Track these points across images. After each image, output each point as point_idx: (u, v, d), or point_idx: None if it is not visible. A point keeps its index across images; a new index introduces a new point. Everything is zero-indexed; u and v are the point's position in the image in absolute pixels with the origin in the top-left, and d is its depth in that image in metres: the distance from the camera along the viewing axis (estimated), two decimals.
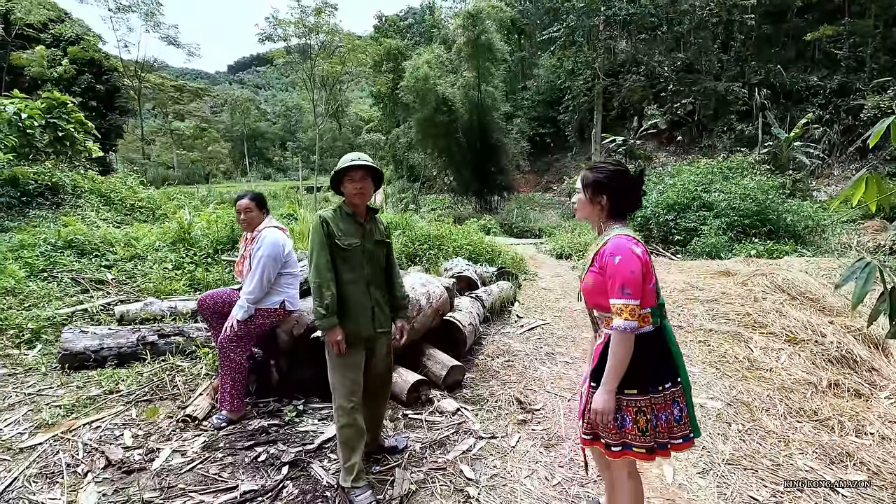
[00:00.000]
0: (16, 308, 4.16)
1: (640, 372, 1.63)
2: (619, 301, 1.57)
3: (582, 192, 1.76)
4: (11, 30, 23.63)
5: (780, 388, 3.60)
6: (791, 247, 8.71)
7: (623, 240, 1.62)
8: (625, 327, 1.56)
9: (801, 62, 23.58)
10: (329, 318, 2.16)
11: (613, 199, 1.71)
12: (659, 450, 1.67)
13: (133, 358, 3.58)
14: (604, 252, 1.63)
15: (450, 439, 2.76)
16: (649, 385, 1.65)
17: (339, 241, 2.24)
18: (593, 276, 1.68)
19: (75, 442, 2.54)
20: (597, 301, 1.70)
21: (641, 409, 1.64)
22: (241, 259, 3.04)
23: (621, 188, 1.71)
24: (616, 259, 1.58)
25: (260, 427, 2.76)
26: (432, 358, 3.52)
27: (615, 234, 1.66)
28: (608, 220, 1.74)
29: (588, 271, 1.71)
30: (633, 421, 1.64)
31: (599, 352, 1.73)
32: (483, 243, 7.73)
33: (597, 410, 1.63)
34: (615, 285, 1.57)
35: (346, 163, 2.28)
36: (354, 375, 2.27)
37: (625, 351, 1.59)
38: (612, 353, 1.60)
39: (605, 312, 1.69)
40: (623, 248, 1.59)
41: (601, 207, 1.73)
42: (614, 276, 1.58)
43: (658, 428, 1.66)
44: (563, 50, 27.15)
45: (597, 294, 1.68)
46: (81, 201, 7.84)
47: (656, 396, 1.66)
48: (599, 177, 1.72)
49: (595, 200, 1.73)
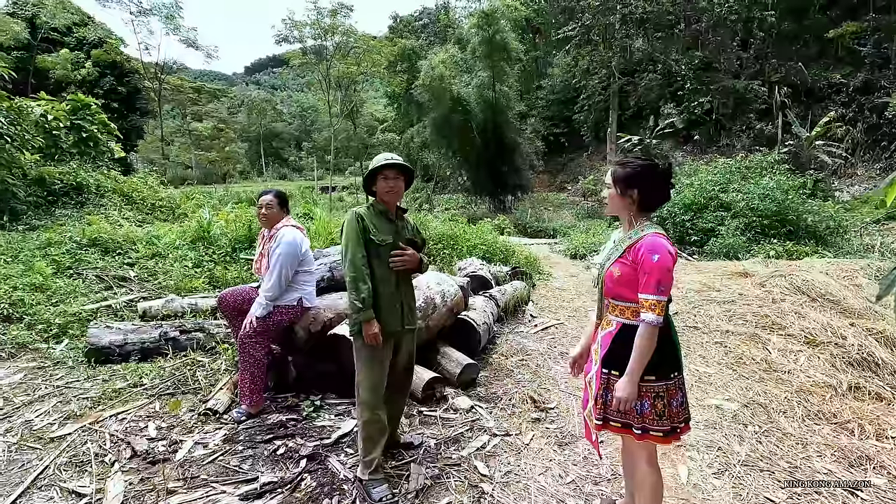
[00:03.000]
0: (44, 304, 4.30)
1: (659, 360, 1.71)
2: (653, 297, 1.64)
3: (612, 186, 1.81)
4: (37, 34, 24.33)
5: (798, 391, 3.56)
6: (812, 248, 8.55)
7: (660, 239, 1.69)
8: (654, 321, 1.64)
9: (823, 59, 23.05)
10: (366, 311, 2.20)
11: (643, 194, 1.76)
12: (671, 434, 1.76)
13: (156, 353, 3.68)
14: (639, 247, 1.69)
15: (464, 436, 2.79)
16: (666, 372, 1.74)
17: (374, 236, 2.28)
18: (623, 267, 1.74)
19: (102, 433, 2.63)
20: (619, 291, 1.76)
21: (659, 395, 1.74)
22: (260, 256, 3.11)
23: (651, 182, 1.76)
24: (655, 257, 1.65)
25: (278, 421, 2.82)
26: (447, 356, 3.55)
27: (651, 231, 1.72)
28: (639, 214, 1.79)
29: (616, 261, 1.76)
30: (651, 406, 1.73)
31: (611, 339, 1.80)
32: (497, 243, 7.73)
33: (621, 398, 1.70)
34: (651, 281, 1.65)
35: (380, 162, 2.34)
36: (380, 371, 2.31)
37: (652, 343, 1.68)
38: (639, 345, 1.67)
39: (624, 302, 1.76)
40: (661, 247, 1.66)
41: (632, 201, 1.78)
42: (651, 273, 1.65)
43: (672, 412, 1.75)
44: (578, 49, 26.91)
45: (622, 285, 1.74)
46: (105, 200, 8.05)
47: (670, 383, 1.75)
48: (630, 171, 1.77)
49: (626, 195, 1.78)
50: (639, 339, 1.67)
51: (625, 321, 1.77)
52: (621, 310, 1.78)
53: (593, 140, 28.32)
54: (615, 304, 1.80)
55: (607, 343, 1.81)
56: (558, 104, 30.86)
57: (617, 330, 1.78)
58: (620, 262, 1.75)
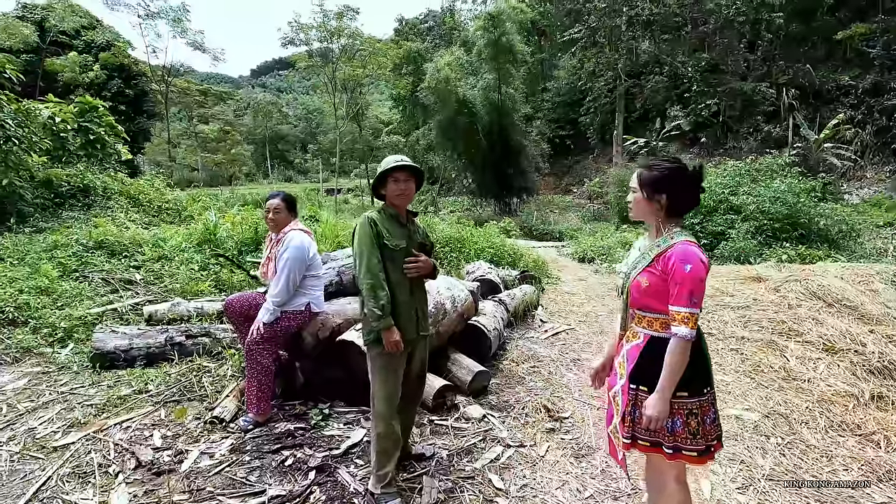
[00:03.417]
0: (49, 307, 4.26)
1: (691, 375, 1.61)
2: (686, 310, 1.54)
3: (638, 190, 1.70)
4: (46, 37, 24.50)
5: (819, 400, 3.45)
6: (825, 252, 8.40)
7: (692, 248, 1.59)
8: (688, 336, 1.55)
9: (831, 61, 22.87)
10: (385, 318, 2.13)
11: (672, 198, 1.66)
12: (706, 454, 1.66)
13: (161, 358, 3.62)
14: (670, 256, 1.59)
15: (477, 447, 2.70)
16: (699, 387, 1.65)
17: (388, 241, 2.21)
18: (651, 277, 1.64)
19: (106, 442, 2.57)
20: (647, 302, 1.67)
21: (692, 412, 1.64)
22: (267, 260, 3.05)
23: (680, 186, 1.66)
24: (687, 267, 1.54)
25: (286, 430, 2.75)
26: (457, 363, 3.47)
27: (682, 239, 1.62)
28: (667, 219, 1.69)
29: (644, 270, 1.66)
30: (683, 424, 1.63)
31: (638, 353, 1.70)
32: (505, 246, 7.66)
33: (652, 417, 1.60)
34: (683, 293, 1.54)
35: (390, 164, 2.26)
36: (395, 381, 2.24)
37: (685, 358, 1.58)
38: (670, 360, 1.58)
39: (652, 313, 1.67)
40: (694, 256, 1.56)
41: (660, 206, 1.67)
42: (683, 284, 1.55)
43: (706, 430, 1.65)
44: (584, 51, 26.83)
45: (650, 296, 1.65)
46: (111, 203, 8.04)
47: (703, 399, 1.65)
48: (657, 174, 1.66)
49: (653, 199, 1.67)
50: (670, 355, 1.57)
51: (653, 333, 1.67)
52: (649, 321, 1.68)
53: (599, 142, 28.20)
54: (642, 315, 1.71)
55: (634, 356, 1.71)
56: (564, 106, 30.78)
57: (645, 343, 1.68)
58: (649, 271, 1.65)
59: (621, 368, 1.78)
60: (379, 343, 2.16)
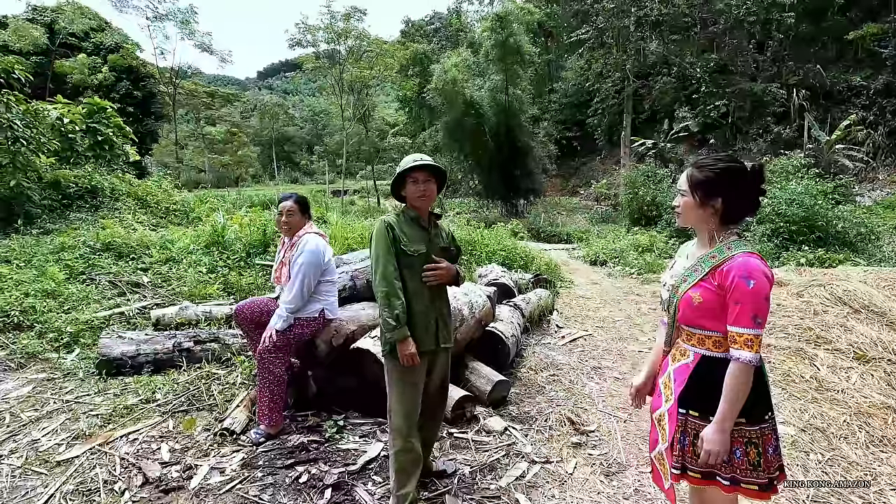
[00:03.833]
0: (55, 311, 4.17)
1: (752, 401, 1.43)
2: (750, 331, 1.36)
3: (689, 193, 1.51)
4: (56, 39, 24.65)
5: (857, 413, 3.28)
6: (845, 255, 8.19)
7: (755, 261, 1.40)
8: (752, 360, 1.37)
9: (841, 62, 22.58)
10: (400, 329, 2.00)
11: (728, 203, 1.48)
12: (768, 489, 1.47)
13: (169, 364, 3.51)
14: (729, 270, 1.40)
15: (500, 463, 2.56)
16: (760, 414, 1.47)
17: (406, 247, 2.08)
18: (705, 292, 1.45)
19: (112, 456, 2.45)
20: (699, 321, 1.49)
21: (752, 441, 1.45)
22: (280, 265, 2.92)
23: (739, 189, 1.48)
24: (750, 283, 1.36)
25: (299, 444, 2.62)
26: (476, 372, 3.33)
27: (742, 250, 1.43)
28: (721, 226, 1.50)
29: (697, 285, 1.48)
30: (743, 454, 1.45)
31: (688, 374, 1.53)
32: (517, 249, 7.51)
33: (711, 451, 1.42)
34: (745, 312, 1.36)
35: (409, 163, 2.12)
36: (414, 395, 2.11)
37: (747, 386, 1.39)
38: (732, 387, 1.39)
39: (703, 331, 1.50)
40: (757, 270, 1.37)
41: (714, 212, 1.49)
42: (744, 302, 1.36)
43: (768, 461, 1.47)
44: (591, 52, 26.62)
45: (704, 313, 1.46)
46: (119, 204, 7.97)
47: (764, 426, 1.48)
48: (712, 176, 1.48)
49: (707, 204, 1.49)
50: (732, 381, 1.39)
51: (704, 352, 1.50)
52: (700, 339, 1.51)
53: (606, 144, 27.99)
54: (692, 332, 1.53)
55: (683, 378, 1.53)
56: (571, 108, 30.60)
57: (695, 363, 1.51)
58: (702, 286, 1.46)
59: (667, 389, 1.61)
60: (395, 354, 2.03)
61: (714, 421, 1.42)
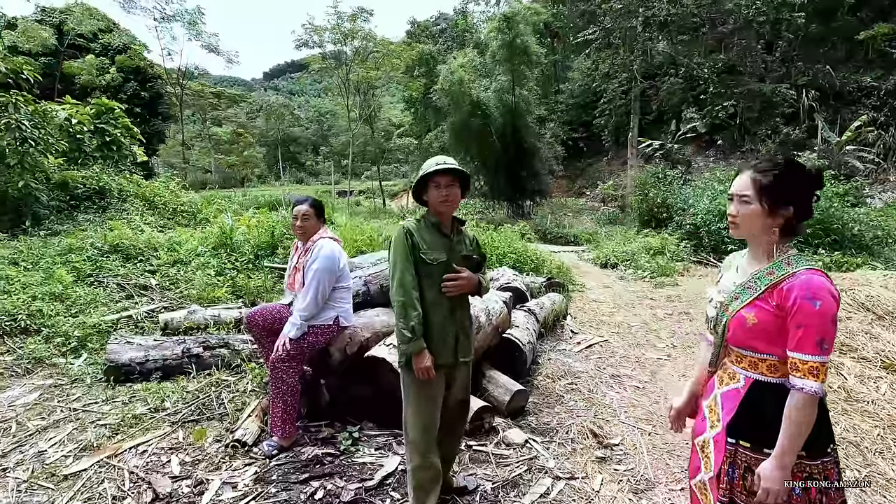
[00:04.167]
0: (63, 314, 4.10)
1: (815, 433, 1.29)
2: (815, 359, 1.22)
3: (755, 200, 1.33)
4: (64, 40, 24.77)
5: (890, 426, 3.15)
6: (863, 259, 8.02)
7: (820, 278, 1.26)
8: (818, 391, 1.22)
9: (851, 62, 22.32)
10: (416, 341, 1.90)
11: (798, 211, 1.33)
12: None
13: (178, 371, 3.43)
14: (790, 289, 1.27)
15: (522, 478, 2.45)
16: (822, 447, 1.32)
17: (425, 255, 1.97)
18: (761, 312, 1.31)
19: (121, 469, 2.36)
20: (752, 343, 1.34)
21: (812, 476, 1.31)
22: (294, 271, 2.83)
23: (808, 195, 1.33)
24: (816, 304, 1.22)
25: (314, 456, 2.52)
26: (493, 381, 3.23)
27: (804, 266, 1.29)
28: (781, 238, 1.35)
29: (751, 304, 1.34)
30: (803, 491, 1.31)
31: (738, 400, 1.39)
32: (527, 251, 7.40)
33: (770, 490, 1.27)
34: (810, 337, 1.22)
35: (431, 167, 2.01)
36: (432, 410, 2.00)
37: (812, 418, 1.25)
38: (794, 420, 1.25)
39: (756, 354, 1.36)
40: (823, 290, 1.23)
41: (782, 221, 1.33)
42: (809, 326, 1.22)
43: (830, 499, 1.32)
44: (598, 52, 26.47)
45: (759, 334, 1.32)
46: (127, 205, 7.92)
47: (826, 460, 1.33)
48: (783, 180, 1.31)
49: (777, 213, 1.32)
50: (794, 413, 1.25)
51: (757, 377, 1.36)
52: (752, 362, 1.37)
53: (613, 144, 27.82)
54: (743, 354, 1.39)
55: (733, 405, 1.40)
56: (577, 108, 30.44)
57: (746, 388, 1.37)
58: (758, 305, 1.32)
59: (712, 414, 1.48)
60: (412, 367, 1.94)
61: (773, 456, 1.28)
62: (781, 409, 1.28)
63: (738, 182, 1.39)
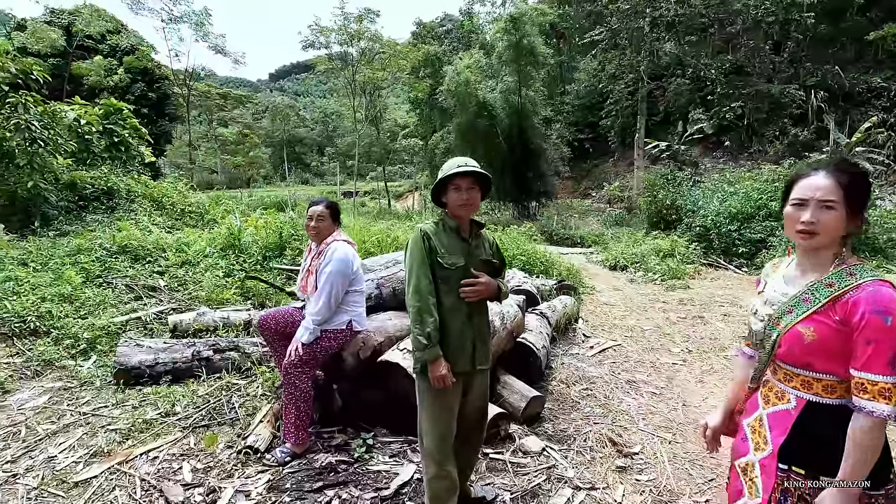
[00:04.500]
0: (72, 316, 4.08)
1: (880, 461, 1.20)
2: (888, 379, 1.11)
3: (841, 205, 1.20)
4: (73, 41, 24.93)
5: None
6: (878, 262, 7.90)
7: (888, 290, 1.14)
8: (890, 414, 1.12)
9: (861, 63, 22.10)
10: (431, 348, 1.84)
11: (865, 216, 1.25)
12: None
13: (188, 374, 3.39)
14: (857, 302, 1.15)
15: (542, 488, 2.39)
16: (886, 475, 1.22)
17: (442, 259, 1.91)
18: (823, 327, 1.19)
19: (132, 476, 2.32)
20: (808, 360, 1.23)
21: None
22: (307, 274, 2.78)
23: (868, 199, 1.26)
24: (888, 320, 1.10)
25: (327, 464, 2.47)
26: (508, 386, 3.17)
27: (871, 278, 1.17)
28: (843, 245, 1.25)
29: (810, 318, 1.22)
30: None
31: (791, 423, 1.28)
32: (536, 253, 7.32)
33: None
34: (881, 355, 1.11)
35: (452, 169, 1.95)
36: (448, 419, 1.94)
37: (881, 443, 1.16)
38: (861, 445, 1.15)
39: (813, 373, 1.25)
40: (894, 303, 1.12)
41: (855, 228, 1.23)
42: (880, 343, 1.11)
43: None
44: (604, 53, 26.36)
45: (817, 351, 1.21)
46: (135, 206, 7.93)
47: (890, 488, 1.22)
48: (866, 183, 1.21)
49: (857, 218, 1.22)
50: (862, 437, 1.14)
51: (811, 398, 1.24)
52: (806, 382, 1.25)
53: (619, 146, 27.69)
54: (795, 372, 1.28)
55: (783, 427, 1.29)
56: (583, 109, 30.34)
57: (799, 410, 1.26)
58: (818, 319, 1.20)
59: (756, 435, 1.37)
60: (427, 374, 1.88)
61: (836, 484, 1.18)
62: (839, 433, 1.19)
63: (816, 185, 1.24)
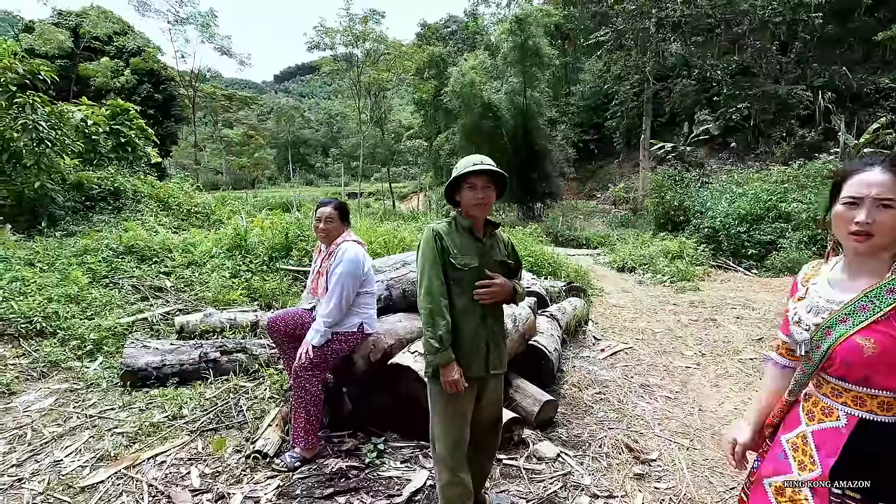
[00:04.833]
0: (78, 317, 4.05)
1: None
2: None
3: None
4: (80, 42, 25.08)
5: None
6: None
7: None
8: None
9: (868, 63, 21.91)
10: (444, 352, 1.78)
11: None
12: None
13: (195, 376, 3.35)
14: None
15: (558, 496, 2.32)
16: None
17: (454, 259, 1.85)
18: (886, 338, 1.08)
19: (139, 481, 2.27)
20: (867, 374, 1.13)
21: None
22: (317, 275, 2.73)
23: None
24: None
25: (338, 470, 2.41)
26: (521, 390, 3.10)
27: None
28: None
29: (870, 327, 1.11)
30: None
31: (843, 442, 1.17)
32: (544, 255, 7.26)
33: None
34: None
35: (468, 167, 1.88)
36: (461, 425, 1.88)
37: None
38: None
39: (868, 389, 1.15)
40: None
41: None
42: None
43: None
44: (610, 54, 26.27)
45: (880, 366, 1.10)
46: (141, 206, 7.91)
47: None
48: None
49: None
50: None
51: (865, 415, 1.14)
52: (858, 398, 1.15)
53: (624, 147, 27.56)
54: (846, 387, 1.18)
55: (834, 447, 1.18)
56: (588, 110, 30.26)
57: (851, 429, 1.15)
58: (880, 329, 1.09)
59: (800, 453, 1.26)
60: (439, 379, 1.82)
61: None
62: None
63: (871, 181, 1.13)
